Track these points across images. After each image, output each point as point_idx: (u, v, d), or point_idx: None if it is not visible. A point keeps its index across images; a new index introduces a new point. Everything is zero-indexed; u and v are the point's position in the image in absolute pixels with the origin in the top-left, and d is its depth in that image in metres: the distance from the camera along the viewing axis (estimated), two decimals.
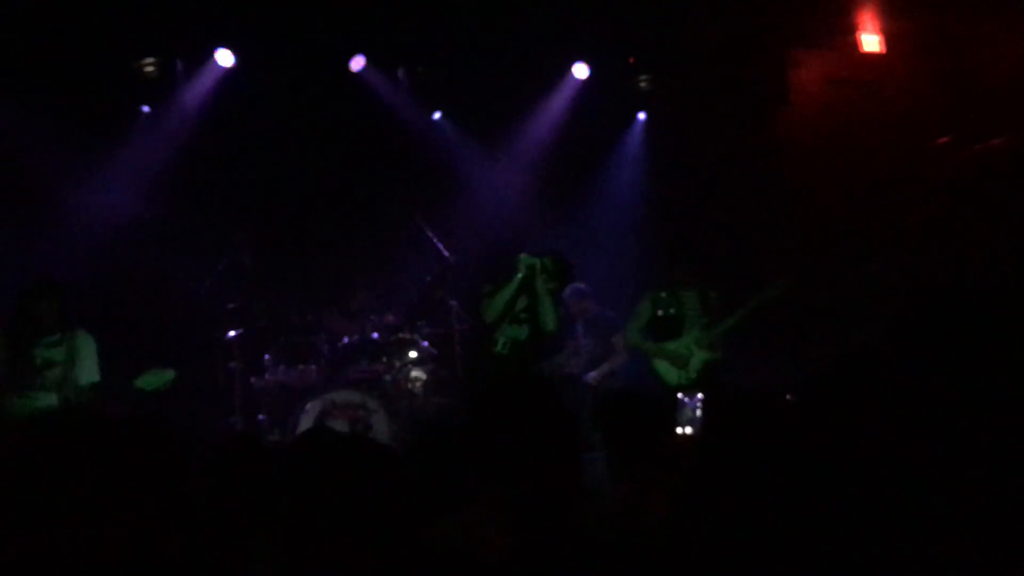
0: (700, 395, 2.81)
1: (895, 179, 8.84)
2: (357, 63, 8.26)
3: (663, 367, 6.98)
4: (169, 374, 5.82)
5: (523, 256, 6.31)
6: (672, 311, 6.97)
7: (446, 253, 7.71)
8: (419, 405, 7.58)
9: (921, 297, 2.02)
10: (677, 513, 2.07)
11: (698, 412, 2.79)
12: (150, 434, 1.26)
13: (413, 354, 7.65)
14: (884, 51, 9.35)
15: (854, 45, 9.34)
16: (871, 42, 9.38)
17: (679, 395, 2.79)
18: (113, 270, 7.75)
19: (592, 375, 7.91)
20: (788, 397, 4.96)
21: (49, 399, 5.67)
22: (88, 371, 5.86)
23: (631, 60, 9.02)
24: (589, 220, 9.32)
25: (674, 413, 2.80)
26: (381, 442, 7.00)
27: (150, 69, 7.74)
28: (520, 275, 6.20)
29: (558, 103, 9.00)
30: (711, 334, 6.96)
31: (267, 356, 7.50)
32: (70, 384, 5.74)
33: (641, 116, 9.61)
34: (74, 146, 7.59)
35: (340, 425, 6.99)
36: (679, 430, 2.75)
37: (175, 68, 7.90)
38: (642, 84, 9.15)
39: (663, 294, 7.01)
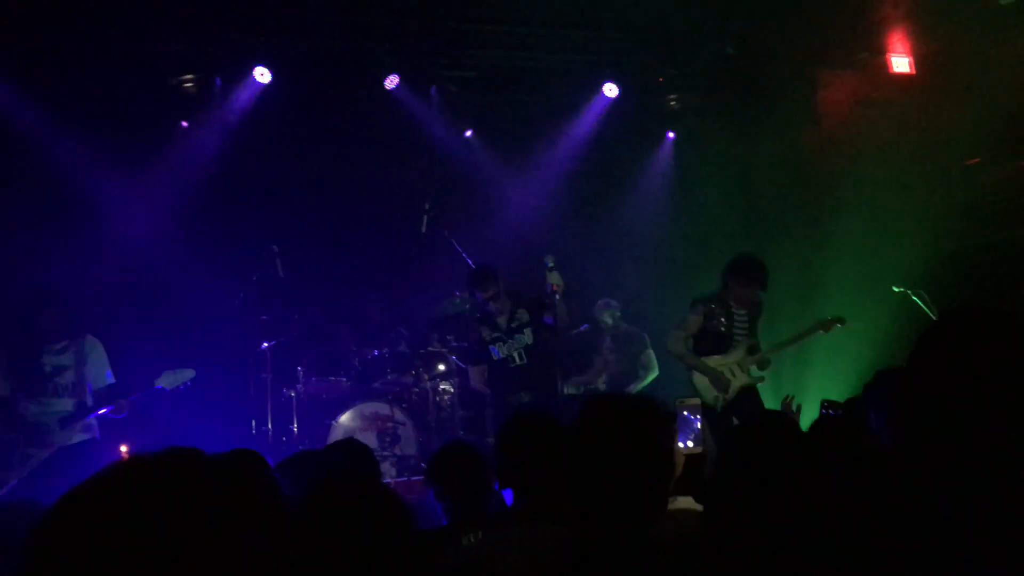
0: (700, 409, 2.84)
1: (924, 200, 8.83)
2: (391, 81, 8.41)
3: (702, 384, 6.71)
4: (188, 372, 5.94)
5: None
6: (723, 327, 6.73)
7: (474, 268, 7.79)
8: (447, 418, 7.68)
9: (947, 317, 2.07)
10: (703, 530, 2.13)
11: (698, 426, 2.83)
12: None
13: (441, 367, 7.76)
14: (913, 72, 9.35)
15: (883, 66, 9.34)
16: (900, 63, 9.38)
17: (684, 412, 2.82)
18: (149, 281, 7.91)
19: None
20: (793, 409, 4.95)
21: (64, 404, 5.78)
22: (98, 375, 5.96)
23: (660, 80, 9.10)
24: (617, 237, 9.39)
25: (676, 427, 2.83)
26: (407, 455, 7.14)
27: (190, 85, 7.92)
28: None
29: (588, 122, 9.08)
30: (755, 358, 6.77)
31: (299, 367, 7.62)
32: (83, 388, 5.84)
33: (670, 135, 9.68)
34: (115, 159, 7.77)
35: (369, 436, 7.10)
36: (680, 444, 2.78)
37: (214, 84, 8.07)
38: (671, 103, 9.22)
39: (715, 307, 6.74)
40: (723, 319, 6.70)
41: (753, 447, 2.20)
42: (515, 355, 6.73)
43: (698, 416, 2.80)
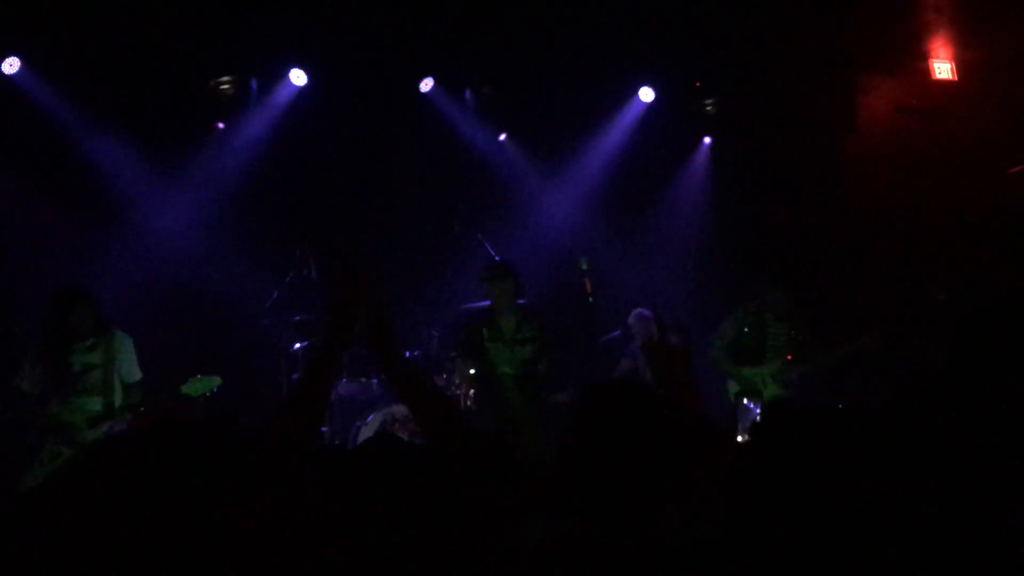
0: (759, 402, 2.77)
1: (964, 207, 8.68)
2: (426, 84, 8.40)
3: (735, 392, 6.71)
4: (215, 380, 5.85)
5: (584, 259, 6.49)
6: (756, 338, 6.79)
7: None
8: (477, 421, 7.62)
9: (982, 321, 2.01)
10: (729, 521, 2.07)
11: (757, 416, 2.75)
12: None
13: (472, 371, 7.70)
14: (955, 78, 9.22)
15: (925, 72, 9.21)
16: (942, 69, 9.24)
17: (744, 400, 2.75)
18: (182, 281, 7.95)
19: None
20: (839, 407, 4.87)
21: (92, 403, 5.74)
22: (129, 370, 5.88)
23: (697, 84, 9.01)
24: (652, 243, 9.31)
25: (736, 419, 2.75)
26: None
27: (226, 87, 7.95)
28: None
29: (624, 126, 9.02)
30: (790, 370, 6.76)
31: None
32: (111, 386, 5.80)
33: (707, 140, 9.58)
34: (151, 159, 7.83)
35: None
36: (740, 438, 2.70)
37: (250, 86, 8.10)
38: (708, 108, 9.12)
39: (751, 317, 6.81)
40: (757, 330, 6.75)
41: (779, 437, 2.14)
42: (508, 367, 6.63)
43: (758, 407, 2.74)
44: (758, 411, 2.69)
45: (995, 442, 1.86)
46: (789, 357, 6.76)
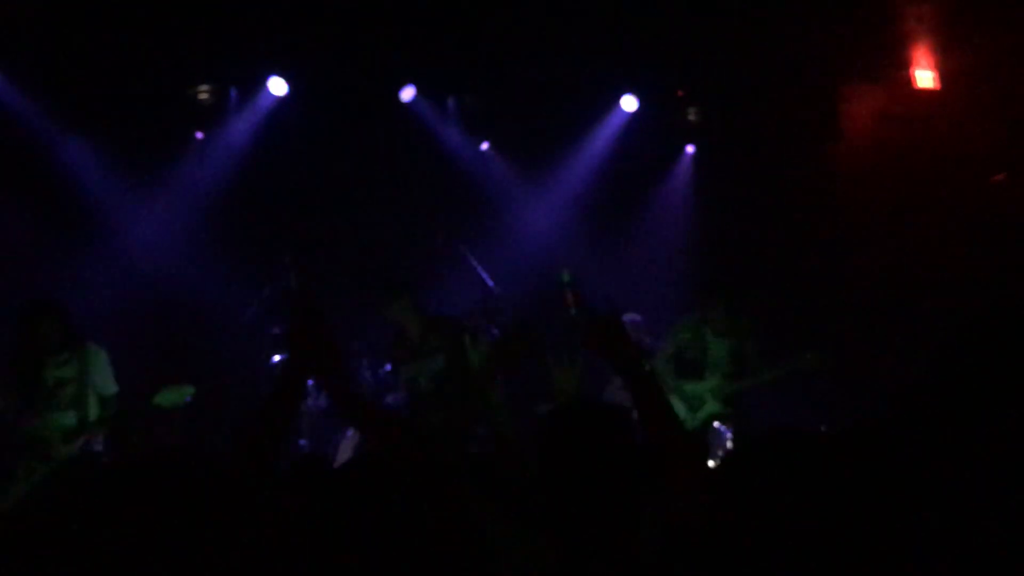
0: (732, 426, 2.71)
1: (948, 216, 8.68)
2: (407, 93, 8.34)
3: (676, 407, 6.67)
4: (188, 389, 5.75)
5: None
6: (692, 355, 6.65)
7: (490, 283, 7.69)
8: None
9: (968, 330, 1.96)
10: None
11: (729, 444, 2.69)
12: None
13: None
14: (938, 87, 9.23)
15: (907, 80, 9.22)
16: (925, 78, 9.26)
17: (715, 424, 2.69)
18: (159, 292, 7.85)
19: None
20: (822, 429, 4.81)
21: (67, 418, 5.63)
22: (104, 383, 5.76)
23: (680, 93, 8.99)
24: (636, 252, 9.27)
25: (709, 443, 2.70)
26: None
27: (205, 96, 7.87)
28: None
29: (606, 135, 8.99)
30: (731, 387, 6.52)
31: (310, 382, 7.50)
32: (86, 400, 5.68)
33: (689, 149, 9.56)
34: (129, 168, 7.74)
35: None
36: (711, 462, 2.65)
37: (229, 95, 8.02)
38: (691, 117, 9.11)
39: (689, 335, 6.69)
40: (696, 345, 6.64)
41: (762, 464, 2.08)
42: (421, 380, 6.58)
43: (729, 431, 2.68)
44: (729, 435, 2.63)
45: (991, 458, 1.80)
46: (729, 373, 6.64)
